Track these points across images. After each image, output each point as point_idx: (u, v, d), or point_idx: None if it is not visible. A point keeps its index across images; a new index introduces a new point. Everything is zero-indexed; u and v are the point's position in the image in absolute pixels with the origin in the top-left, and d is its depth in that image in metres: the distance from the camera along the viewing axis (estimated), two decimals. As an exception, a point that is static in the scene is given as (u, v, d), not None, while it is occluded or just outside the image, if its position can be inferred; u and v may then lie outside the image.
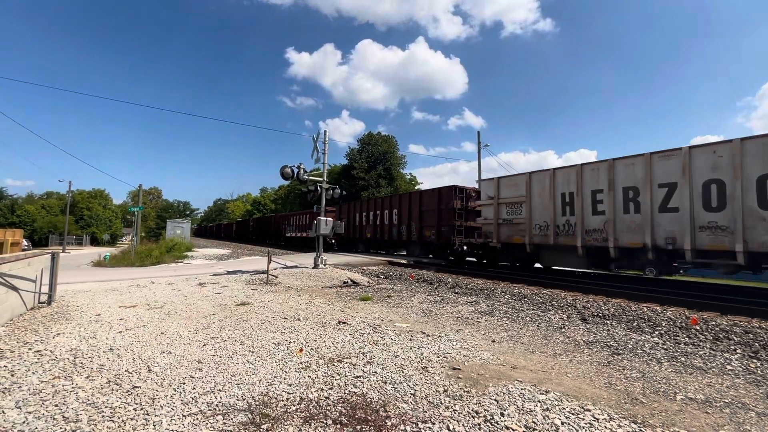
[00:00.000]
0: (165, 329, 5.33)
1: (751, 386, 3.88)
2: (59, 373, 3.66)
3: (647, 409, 3.21)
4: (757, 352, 4.95)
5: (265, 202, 79.41)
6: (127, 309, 6.67)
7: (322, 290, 9.66)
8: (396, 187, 46.84)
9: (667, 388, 3.71)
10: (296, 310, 6.87)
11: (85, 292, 8.33)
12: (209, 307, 6.92)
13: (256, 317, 6.20)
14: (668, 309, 7.25)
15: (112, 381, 3.49)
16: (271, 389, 3.39)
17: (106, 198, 69.57)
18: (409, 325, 5.95)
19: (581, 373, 4.07)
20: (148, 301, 7.48)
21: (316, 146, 13.83)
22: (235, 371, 3.79)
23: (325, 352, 4.46)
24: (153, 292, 8.62)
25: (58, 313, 6.20)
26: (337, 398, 3.24)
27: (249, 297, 8.12)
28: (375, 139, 48.51)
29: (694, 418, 3.09)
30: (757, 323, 6.15)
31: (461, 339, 5.22)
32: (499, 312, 7.22)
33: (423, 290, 9.79)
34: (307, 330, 5.47)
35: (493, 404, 3.15)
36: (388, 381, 3.62)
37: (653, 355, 4.81)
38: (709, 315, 6.81)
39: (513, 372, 3.98)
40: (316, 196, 13.98)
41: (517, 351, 4.84)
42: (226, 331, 5.27)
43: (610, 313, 7.01)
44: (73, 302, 7.13)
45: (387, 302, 8.10)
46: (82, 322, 5.67)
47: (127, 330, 5.27)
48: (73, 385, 3.37)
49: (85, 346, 4.51)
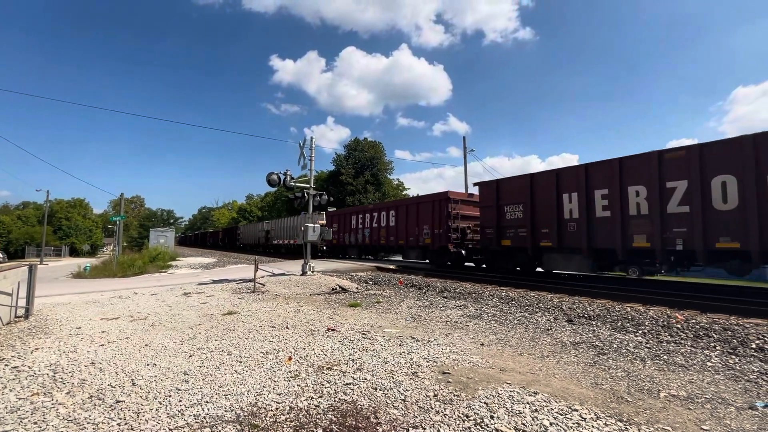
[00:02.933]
0: (149, 341, 5.20)
1: (730, 382, 4.00)
2: (38, 389, 3.53)
3: (632, 407, 3.28)
4: (735, 349, 5.12)
5: (251, 210, 78.46)
6: (109, 321, 6.49)
7: (311, 297, 9.58)
8: (384, 193, 46.90)
9: (651, 386, 3.80)
10: (284, 318, 6.80)
11: (65, 305, 8.07)
12: (195, 318, 6.78)
13: (244, 326, 6.11)
14: (650, 308, 7.43)
15: (94, 396, 3.39)
16: (259, 399, 3.34)
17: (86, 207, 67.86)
18: (398, 331, 5.95)
19: (568, 374, 4.13)
20: (131, 312, 7.30)
21: (303, 153, 13.79)
22: (222, 382, 3.73)
23: (315, 360, 4.42)
24: (136, 303, 8.41)
25: (36, 327, 5.99)
26: (328, 406, 3.22)
27: (236, 306, 8.00)
28: (362, 145, 48.57)
29: (677, 415, 3.17)
30: (734, 320, 6.36)
31: (450, 343, 5.25)
32: (487, 315, 7.28)
33: (412, 295, 9.81)
34: (296, 338, 5.41)
35: (482, 407, 3.17)
36: (378, 387, 3.61)
37: (637, 354, 4.92)
38: (690, 313, 7.01)
39: (502, 375, 4.01)
40: (303, 202, 13.90)
41: (506, 353, 4.89)
42: (213, 342, 5.18)
43: (595, 314, 7.14)
44: (51, 315, 6.90)
45: (376, 308, 8.08)
46: (61, 335, 5.50)
47: (109, 343, 5.12)
48: (53, 402, 3.26)
49: (65, 360, 4.37)
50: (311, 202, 13.88)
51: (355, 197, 43.87)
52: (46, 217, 48.02)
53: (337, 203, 40.63)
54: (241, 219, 75.51)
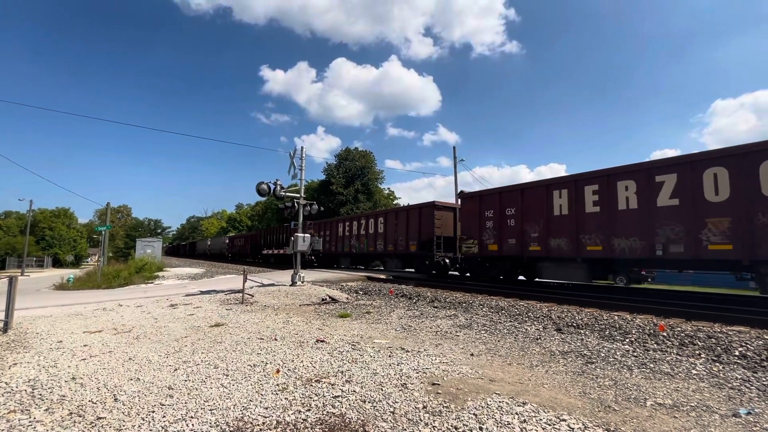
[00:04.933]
0: (133, 355, 5.08)
1: (714, 389, 4.06)
2: (15, 406, 3.41)
3: (619, 416, 3.31)
4: (719, 356, 5.20)
5: (241, 219, 77.80)
6: (92, 334, 6.33)
7: (300, 308, 9.48)
8: (375, 202, 46.94)
9: (637, 395, 3.84)
10: (273, 330, 6.71)
11: (46, 318, 7.85)
12: (181, 330, 6.65)
13: (231, 338, 6.02)
14: (637, 317, 7.53)
15: (74, 413, 3.28)
16: (246, 413, 3.28)
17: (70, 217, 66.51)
18: (388, 342, 5.92)
19: (557, 384, 4.15)
20: (115, 325, 7.13)
21: (293, 162, 13.77)
22: (208, 396, 3.65)
23: (303, 373, 4.37)
24: (120, 315, 8.22)
25: (15, 341, 5.80)
26: (315, 420, 3.17)
27: (223, 317, 7.87)
28: (352, 154, 48.70)
29: (663, 423, 3.20)
30: (718, 328, 6.47)
31: (440, 354, 5.23)
32: (477, 325, 7.29)
33: (402, 305, 9.77)
34: (284, 350, 5.34)
35: (471, 419, 3.16)
36: (367, 400, 3.58)
37: (624, 363, 4.97)
38: (675, 321, 7.11)
39: (491, 385, 4.01)
40: (293, 212, 13.83)
41: (495, 364, 4.89)
42: (199, 355, 5.08)
43: (583, 323, 7.21)
44: (32, 329, 6.70)
45: (366, 318, 8.03)
46: (41, 350, 5.33)
47: (91, 357, 4.99)
48: (31, 419, 3.15)
49: (45, 375, 4.24)
50: (301, 211, 13.83)
51: (347, 207, 43.83)
52: (29, 227, 46.84)
53: (328, 213, 40.50)
54: (230, 228, 74.76)
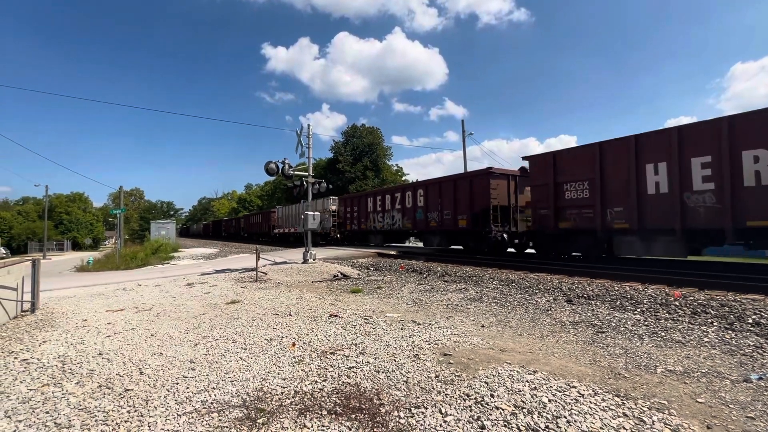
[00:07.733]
0: (155, 331, 5.29)
1: (726, 356, 4.08)
2: (48, 380, 3.61)
3: (629, 383, 3.36)
4: (732, 324, 5.19)
5: (251, 199, 78.44)
6: (115, 313, 6.58)
7: (313, 285, 9.67)
8: (383, 179, 46.72)
9: (648, 362, 3.88)
10: (287, 306, 6.88)
11: (70, 298, 8.16)
12: (199, 307, 6.87)
13: (247, 314, 6.20)
14: (649, 287, 7.50)
15: (103, 385, 3.46)
16: (265, 384, 3.42)
17: (85, 201, 67.80)
18: (400, 315, 6.03)
19: (567, 353, 4.20)
20: (135, 304, 7.39)
21: (300, 141, 13.71)
22: (228, 369, 3.80)
23: (318, 346, 4.50)
24: (140, 294, 8.50)
25: (43, 321, 6.07)
26: (331, 389, 3.29)
27: (239, 295, 8.09)
28: (359, 131, 48.15)
29: (673, 389, 3.24)
30: (732, 296, 6.42)
31: (451, 326, 5.33)
32: (487, 298, 7.36)
33: (413, 280, 9.89)
34: (299, 325, 5.50)
35: (483, 386, 3.24)
36: (380, 370, 3.69)
37: (635, 332, 5.00)
38: (688, 290, 7.07)
39: (502, 355, 4.09)
40: (302, 190, 13.90)
41: (506, 334, 4.96)
42: (218, 330, 5.26)
43: (594, 294, 7.22)
44: (57, 309, 6.98)
45: (378, 293, 8.17)
46: (68, 328, 5.58)
47: (115, 334, 5.21)
48: (63, 392, 3.33)
49: (73, 352, 4.45)
50: (310, 190, 13.87)
51: (355, 184, 43.75)
52: (47, 211, 48.04)
53: (337, 190, 40.49)
54: (241, 209, 75.53)
